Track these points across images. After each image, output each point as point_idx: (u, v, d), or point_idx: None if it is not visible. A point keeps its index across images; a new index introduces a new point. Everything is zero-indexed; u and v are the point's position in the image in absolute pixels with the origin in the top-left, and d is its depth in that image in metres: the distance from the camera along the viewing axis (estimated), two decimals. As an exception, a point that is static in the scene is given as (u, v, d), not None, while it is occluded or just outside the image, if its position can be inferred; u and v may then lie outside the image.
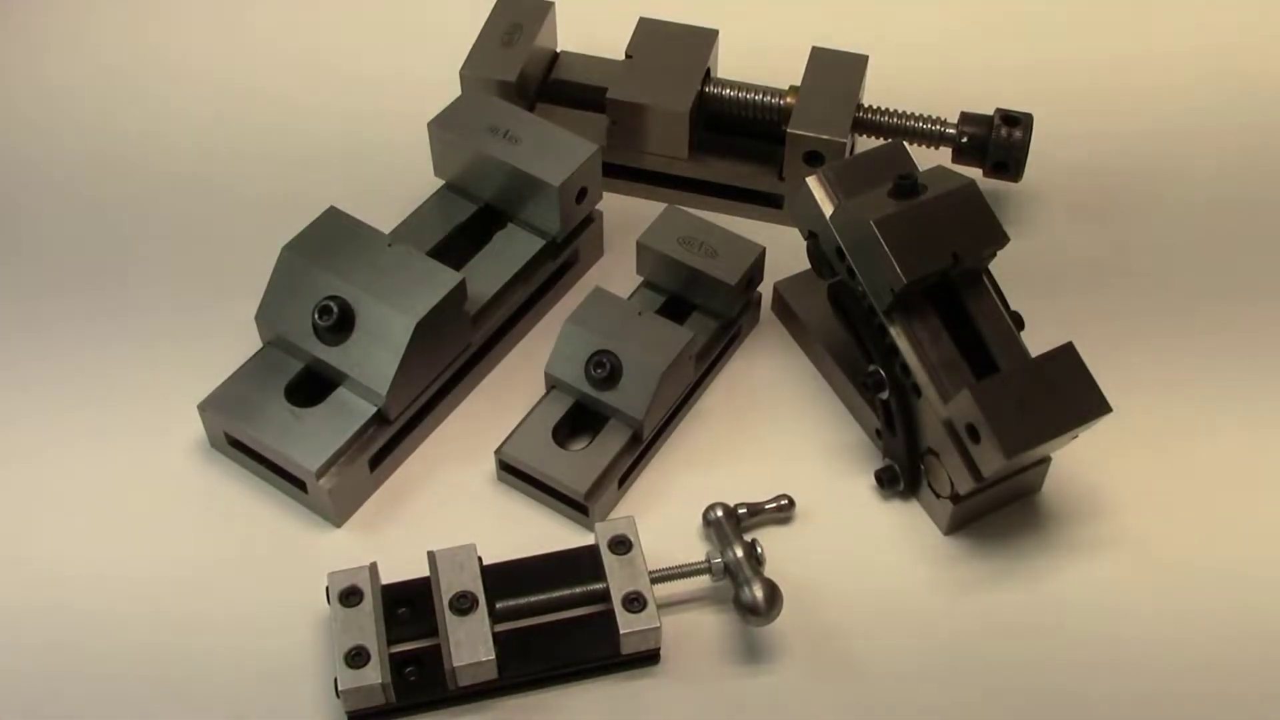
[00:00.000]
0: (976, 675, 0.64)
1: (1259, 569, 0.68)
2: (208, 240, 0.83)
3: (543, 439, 0.70)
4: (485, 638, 0.61)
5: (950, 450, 0.66)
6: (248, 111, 0.91)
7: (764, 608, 0.62)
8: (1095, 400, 0.63)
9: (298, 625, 0.65)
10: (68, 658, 0.64)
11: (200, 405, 0.70)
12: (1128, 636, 0.65)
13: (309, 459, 0.67)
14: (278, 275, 0.70)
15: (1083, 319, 0.77)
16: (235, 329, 0.73)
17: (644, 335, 0.70)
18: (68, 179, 0.86)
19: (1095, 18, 0.99)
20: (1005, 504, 0.70)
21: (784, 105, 0.82)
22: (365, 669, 0.60)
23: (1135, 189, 0.86)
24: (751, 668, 0.64)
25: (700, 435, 0.74)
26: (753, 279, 0.75)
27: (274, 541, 0.68)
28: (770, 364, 0.78)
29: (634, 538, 0.65)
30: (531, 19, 0.85)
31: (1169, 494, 0.71)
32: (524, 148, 0.75)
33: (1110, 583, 0.67)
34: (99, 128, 0.89)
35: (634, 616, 0.62)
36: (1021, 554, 0.69)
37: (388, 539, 0.69)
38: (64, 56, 0.93)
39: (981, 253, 0.66)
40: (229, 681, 0.63)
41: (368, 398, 0.68)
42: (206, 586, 0.66)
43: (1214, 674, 0.64)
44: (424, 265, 0.70)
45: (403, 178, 0.81)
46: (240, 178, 0.87)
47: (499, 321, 0.76)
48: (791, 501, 0.69)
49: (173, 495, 0.70)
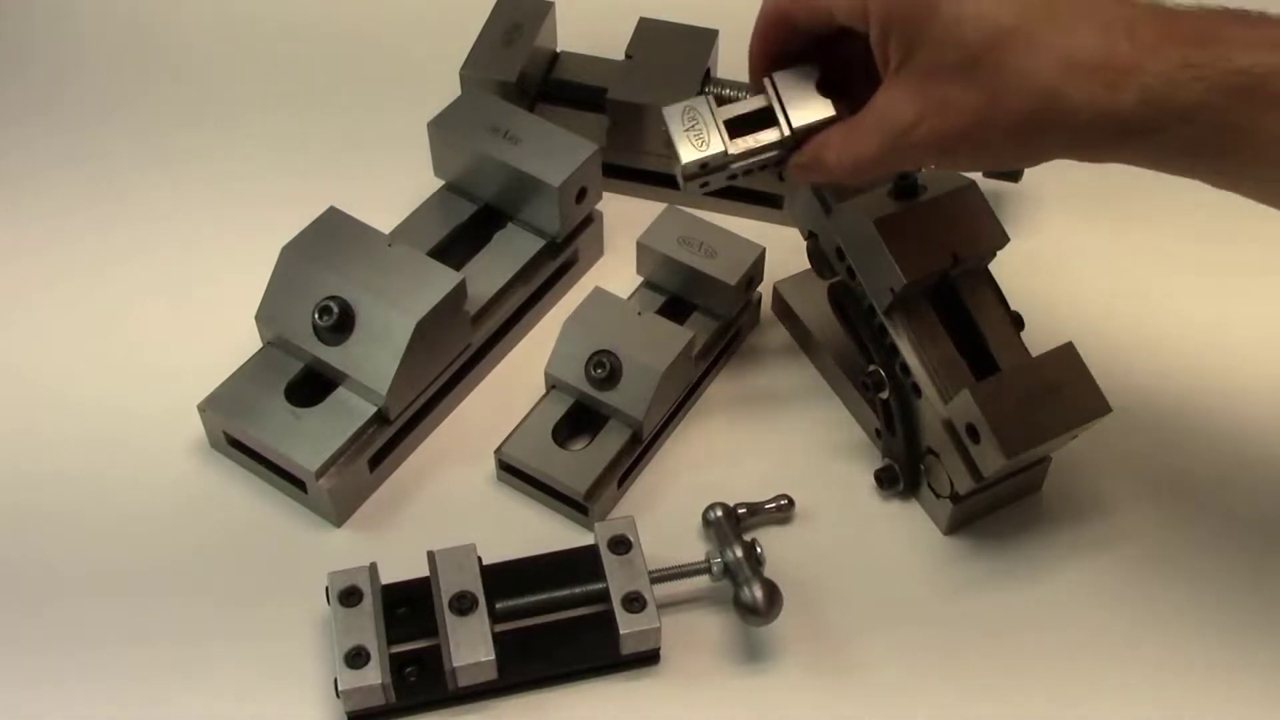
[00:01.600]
0: (976, 675, 0.64)
1: (1259, 569, 0.68)
2: (208, 240, 0.83)
3: (543, 439, 0.70)
4: (485, 638, 0.61)
5: (950, 450, 0.66)
6: (247, 112, 0.91)
7: (764, 608, 0.62)
8: (1095, 400, 0.63)
9: (298, 625, 0.65)
10: (68, 656, 0.64)
11: (200, 405, 0.70)
12: (1127, 636, 0.65)
13: (309, 459, 0.67)
14: (278, 275, 0.70)
15: (1083, 319, 0.77)
16: (235, 329, 0.73)
17: (644, 335, 0.70)
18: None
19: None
20: (1005, 504, 0.70)
21: (784, 105, 0.82)
22: (365, 669, 0.60)
23: (1135, 189, 0.86)
24: (751, 668, 0.64)
25: (700, 435, 0.74)
26: (753, 279, 0.75)
27: (274, 541, 0.68)
28: (770, 364, 0.78)
29: (634, 538, 0.65)
30: (531, 19, 0.85)
31: (1169, 494, 0.71)
32: (524, 148, 0.75)
33: (1110, 583, 0.67)
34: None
35: (634, 616, 0.62)
36: (1021, 554, 0.69)
37: (388, 539, 0.69)
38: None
39: (981, 253, 0.66)
40: (229, 681, 0.63)
41: (368, 398, 0.68)
42: (206, 587, 0.66)
43: (1214, 674, 0.64)
44: (424, 265, 0.70)
45: (403, 178, 0.81)
46: (240, 177, 0.87)
47: (499, 321, 0.76)
48: (791, 501, 0.69)
49: (173, 495, 0.70)
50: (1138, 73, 0.50)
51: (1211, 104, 0.49)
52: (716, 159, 0.61)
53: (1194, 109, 0.49)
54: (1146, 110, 0.50)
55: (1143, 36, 0.50)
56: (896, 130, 0.55)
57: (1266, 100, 0.48)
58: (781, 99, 0.60)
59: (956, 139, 0.54)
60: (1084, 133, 0.52)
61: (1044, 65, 0.51)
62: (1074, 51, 0.50)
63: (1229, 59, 0.49)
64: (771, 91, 0.60)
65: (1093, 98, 0.50)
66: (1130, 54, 0.50)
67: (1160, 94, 0.50)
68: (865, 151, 0.57)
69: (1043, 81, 0.51)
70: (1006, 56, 0.51)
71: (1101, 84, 0.50)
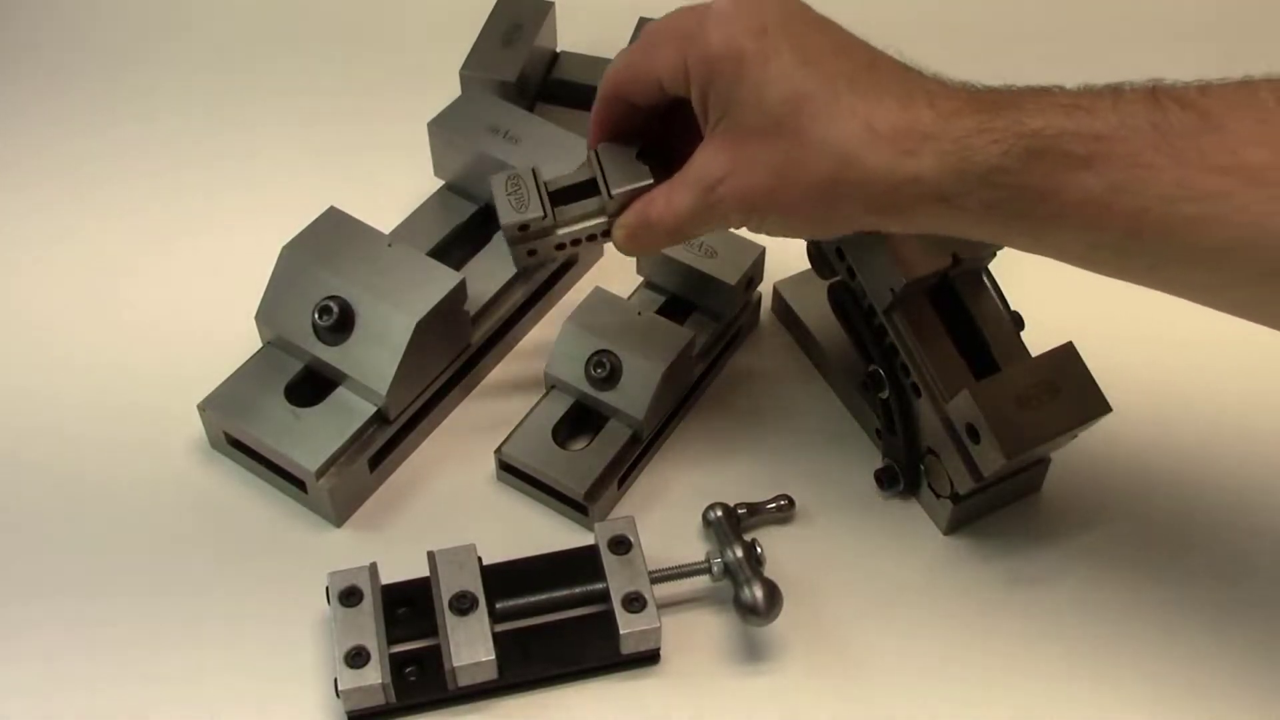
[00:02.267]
0: (976, 675, 0.64)
1: (1259, 569, 0.68)
2: (208, 239, 0.83)
3: (543, 439, 0.70)
4: (485, 638, 0.61)
5: (950, 450, 0.66)
6: (247, 112, 0.91)
7: (764, 608, 0.62)
8: (1095, 400, 0.63)
9: (298, 625, 0.65)
10: (68, 656, 0.64)
11: (200, 405, 0.70)
12: (1127, 636, 0.65)
13: (309, 459, 0.67)
14: (278, 275, 0.70)
15: (1083, 319, 0.76)
16: (235, 329, 0.73)
17: (644, 335, 0.70)
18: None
19: (1094, 17, 0.99)
20: (1005, 504, 0.70)
21: (784, 105, 0.82)
22: (365, 669, 0.60)
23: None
24: (751, 668, 0.64)
25: (700, 435, 0.74)
26: (753, 279, 0.75)
27: (274, 541, 0.68)
28: (770, 364, 0.78)
29: (634, 538, 0.65)
30: (531, 19, 0.85)
31: (1168, 494, 0.71)
32: (524, 148, 0.75)
33: (1110, 582, 0.67)
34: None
35: (634, 616, 0.62)
36: (1021, 554, 0.69)
37: (388, 539, 0.69)
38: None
39: (981, 253, 0.66)
40: (229, 681, 0.63)
41: (368, 398, 0.68)
42: (206, 587, 0.66)
43: (1213, 673, 0.64)
44: (424, 265, 0.70)
45: (403, 178, 0.81)
46: (240, 177, 0.87)
47: (499, 321, 0.76)
48: (791, 501, 0.69)
49: (173, 495, 0.70)
50: (935, 139, 0.51)
51: (1007, 166, 0.50)
52: (536, 221, 0.63)
53: (990, 171, 0.50)
54: (944, 175, 0.51)
55: (942, 107, 0.52)
56: (707, 185, 0.57)
57: (1059, 160, 0.49)
58: (604, 169, 0.62)
59: (760, 197, 0.56)
60: (883, 197, 0.53)
61: (843, 130, 0.52)
62: (873, 119, 0.52)
63: (1022, 122, 0.50)
64: (595, 163, 0.63)
65: (890, 163, 0.52)
66: (930, 122, 0.51)
67: (957, 158, 0.51)
68: (682, 206, 0.58)
69: (841, 146, 0.52)
70: (807, 121, 0.53)
71: (899, 150, 0.52)
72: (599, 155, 0.63)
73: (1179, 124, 0.48)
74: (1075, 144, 0.49)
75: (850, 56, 0.54)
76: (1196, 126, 0.47)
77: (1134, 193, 0.48)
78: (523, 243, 0.64)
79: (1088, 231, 0.50)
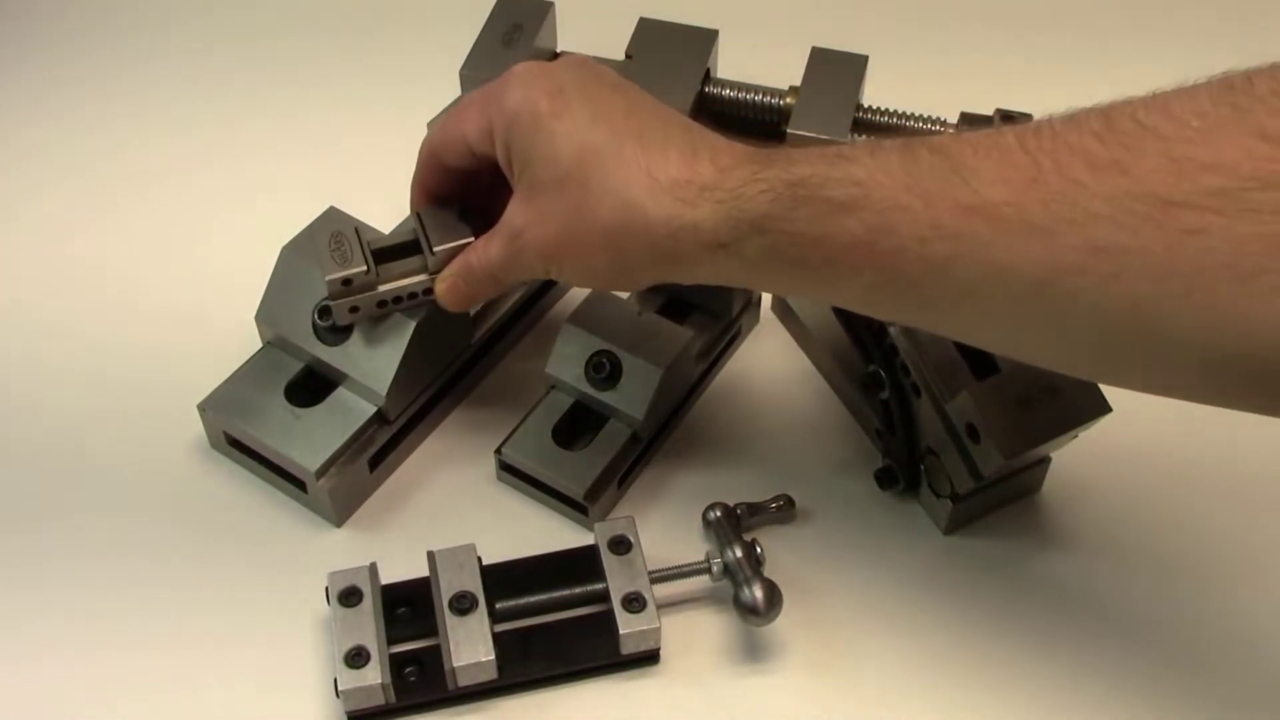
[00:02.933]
0: (976, 674, 0.64)
1: (1259, 568, 0.68)
2: (207, 239, 0.83)
3: (543, 439, 0.70)
4: (485, 638, 0.61)
5: (950, 450, 0.66)
6: (246, 111, 0.91)
7: (764, 608, 0.62)
8: (1095, 400, 0.63)
9: (298, 625, 0.65)
10: (67, 656, 0.64)
11: (200, 405, 0.70)
12: (1127, 636, 0.65)
13: (309, 459, 0.67)
14: (278, 275, 0.70)
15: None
16: (235, 329, 0.73)
17: (644, 335, 0.70)
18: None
19: (1095, 17, 0.99)
20: (1005, 504, 0.70)
21: (784, 105, 0.82)
22: (365, 669, 0.60)
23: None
24: (751, 668, 0.64)
25: (700, 435, 0.74)
26: (753, 279, 0.75)
27: (274, 541, 0.68)
28: (770, 364, 0.78)
29: (634, 538, 0.65)
30: (531, 19, 0.85)
31: (1168, 494, 0.71)
32: (524, 148, 0.75)
33: (1110, 582, 0.67)
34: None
35: (634, 616, 0.62)
36: (1021, 554, 0.69)
37: (388, 539, 0.69)
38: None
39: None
40: (229, 681, 0.63)
41: (368, 398, 0.68)
42: (206, 587, 0.66)
43: (1214, 672, 0.64)
44: (424, 265, 0.70)
45: (403, 178, 0.81)
46: (240, 177, 0.87)
47: (499, 321, 0.76)
48: (791, 501, 0.69)
49: (173, 495, 0.70)
50: (712, 189, 0.54)
51: (776, 214, 0.52)
52: (359, 276, 0.64)
53: (761, 218, 0.52)
54: (720, 223, 0.53)
55: (722, 161, 0.54)
56: (511, 235, 0.60)
57: (822, 206, 0.51)
58: (426, 229, 0.65)
59: (554, 247, 0.58)
60: (665, 243, 0.55)
61: (627, 179, 0.55)
62: (655, 170, 0.55)
63: (790, 170, 0.52)
64: (418, 224, 0.65)
65: (670, 211, 0.54)
66: (709, 174, 0.54)
67: (731, 206, 0.53)
68: (495, 255, 0.62)
69: (624, 194, 0.55)
70: (594, 172, 0.56)
71: (678, 199, 0.54)
72: (421, 216, 0.65)
73: (929, 167, 0.49)
74: (836, 189, 0.50)
75: (641, 116, 0.57)
76: (945, 168, 0.49)
77: (892, 234, 0.49)
78: (345, 298, 0.65)
79: (859, 274, 0.51)
